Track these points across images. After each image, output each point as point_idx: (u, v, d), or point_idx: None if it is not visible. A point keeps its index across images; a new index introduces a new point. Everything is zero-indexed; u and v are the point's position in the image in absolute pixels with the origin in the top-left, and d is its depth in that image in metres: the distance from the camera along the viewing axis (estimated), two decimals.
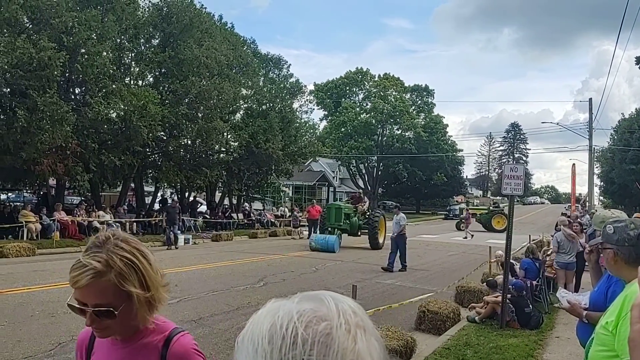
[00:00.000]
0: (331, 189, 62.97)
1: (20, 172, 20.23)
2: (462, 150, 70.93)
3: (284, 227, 31.64)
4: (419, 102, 67.57)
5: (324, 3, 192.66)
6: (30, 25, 19.36)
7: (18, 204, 24.70)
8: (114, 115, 21.99)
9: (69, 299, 1.61)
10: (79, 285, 1.55)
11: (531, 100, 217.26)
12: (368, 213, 23.63)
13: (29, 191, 29.15)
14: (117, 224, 22.91)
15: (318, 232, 23.35)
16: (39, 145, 17.89)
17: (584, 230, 11.42)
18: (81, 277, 1.54)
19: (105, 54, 21.07)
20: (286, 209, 38.27)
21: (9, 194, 31.09)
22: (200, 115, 25.36)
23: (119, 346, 1.72)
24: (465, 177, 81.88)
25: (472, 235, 30.54)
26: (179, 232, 22.20)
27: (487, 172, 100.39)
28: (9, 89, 18.97)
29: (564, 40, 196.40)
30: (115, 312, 1.58)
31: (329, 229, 22.16)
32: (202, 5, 27.93)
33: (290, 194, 51.71)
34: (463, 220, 33.84)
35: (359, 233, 23.43)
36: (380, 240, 22.66)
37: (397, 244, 16.10)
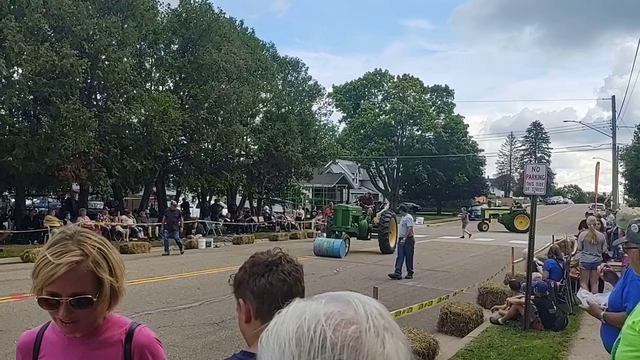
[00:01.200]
0: (351, 190, 62.92)
1: (45, 177, 20.58)
2: (483, 151, 70.35)
3: (304, 230, 31.67)
4: (439, 102, 67.16)
5: (342, 6, 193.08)
6: (53, 34, 19.70)
7: (43, 209, 25.11)
8: (135, 120, 22.26)
9: (37, 296, 1.60)
10: (58, 274, 1.54)
11: (553, 99, 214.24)
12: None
13: (53, 196, 29.64)
14: (140, 227, 23.19)
15: (325, 235, 22.60)
16: (63, 151, 18.19)
17: (608, 230, 11.26)
18: (59, 268, 1.54)
19: (125, 60, 21.35)
20: (302, 211, 38.27)
21: (34, 200, 31.66)
22: (220, 119, 25.55)
23: (77, 343, 1.70)
24: (486, 177, 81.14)
25: (470, 235, 30.45)
26: (179, 236, 19.99)
27: (509, 172, 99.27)
28: (32, 97, 19.31)
29: (586, 38, 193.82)
30: (94, 299, 1.59)
31: (336, 232, 20.97)
32: (221, 10, 28.19)
33: (310, 197, 51.75)
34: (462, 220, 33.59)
35: (369, 236, 21.96)
36: (392, 244, 20.91)
37: (405, 249, 14.78)
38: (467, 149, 62.88)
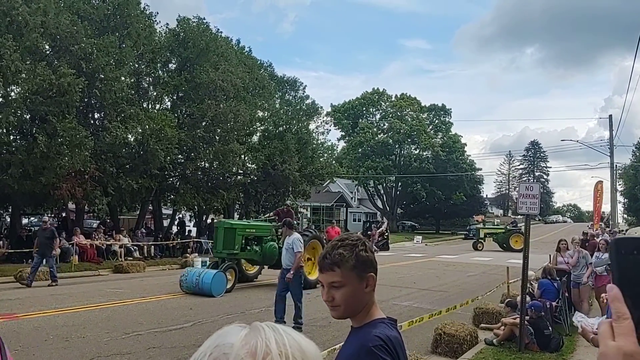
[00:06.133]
0: (349, 209, 62.82)
1: (40, 196, 20.51)
2: (481, 169, 70.51)
3: None
4: (436, 121, 67.43)
5: (342, 26, 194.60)
6: (51, 52, 19.79)
7: (38, 228, 24.99)
8: (131, 139, 22.26)
9: None
10: None
11: (554, 118, 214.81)
12: (386, 233, 22.85)
13: (49, 215, 29.55)
14: (135, 247, 23.05)
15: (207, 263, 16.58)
16: (58, 170, 18.15)
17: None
18: None
19: (123, 78, 21.44)
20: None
21: (31, 218, 31.55)
22: (217, 137, 25.58)
23: None
24: (485, 196, 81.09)
25: (377, 251, 29.96)
26: (54, 263, 15.43)
27: (507, 191, 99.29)
28: (29, 115, 19.34)
29: (587, 58, 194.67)
30: None
31: (218, 259, 15.39)
32: (218, 30, 28.40)
33: (309, 215, 51.64)
34: (370, 236, 33.16)
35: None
36: (312, 277, 14.44)
37: (289, 287, 10.04)
38: (465, 167, 62.98)
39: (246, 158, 30.46)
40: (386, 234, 36.36)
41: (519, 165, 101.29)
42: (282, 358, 0.73)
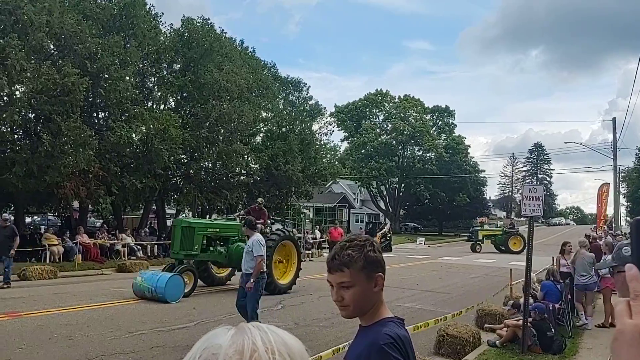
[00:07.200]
0: (352, 210, 62.79)
1: (44, 195, 20.59)
2: (484, 171, 70.34)
3: (304, 250, 31.49)
4: (440, 122, 67.38)
5: (345, 27, 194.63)
6: (55, 52, 19.85)
7: (43, 227, 25.08)
8: (136, 138, 22.33)
9: None
10: None
11: (557, 120, 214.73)
12: (389, 235, 22.71)
13: (53, 214, 29.62)
14: (138, 246, 23.10)
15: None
16: (63, 169, 18.19)
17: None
18: None
19: (127, 78, 21.49)
20: (318, 232, 36.07)
21: (35, 217, 31.64)
22: (220, 138, 25.63)
23: None
24: (488, 198, 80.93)
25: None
26: (10, 263, 14.54)
27: (510, 193, 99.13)
28: (34, 114, 19.40)
29: (591, 61, 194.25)
30: None
31: (175, 261, 14.10)
32: (222, 30, 28.48)
33: (311, 216, 51.66)
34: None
35: None
36: (286, 280, 14.86)
37: (247, 296, 8.87)
38: (468, 169, 62.89)
39: (249, 158, 30.49)
40: (388, 235, 36.28)
41: (522, 167, 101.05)
42: (268, 354, 0.75)
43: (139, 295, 12.72)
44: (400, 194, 64.46)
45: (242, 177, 30.37)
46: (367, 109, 65.12)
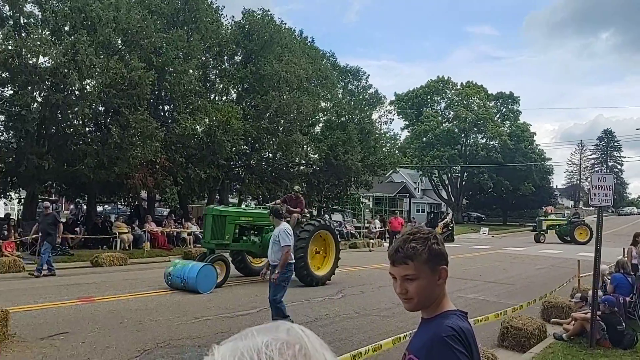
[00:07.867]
0: (413, 200, 62.16)
1: (114, 185, 21.45)
2: (551, 159, 68.05)
3: (364, 239, 31.50)
4: (504, 109, 65.53)
5: (406, 14, 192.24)
6: (122, 47, 20.58)
7: (113, 215, 26.20)
8: (199, 130, 22.88)
9: None
10: None
11: (628, 106, 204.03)
12: (451, 225, 22.38)
13: (123, 203, 30.88)
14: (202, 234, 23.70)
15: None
16: (131, 160, 18.90)
17: None
18: None
19: (191, 71, 22.02)
20: (379, 222, 36.11)
21: (106, 206, 33.08)
22: (280, 128, 25.91)
23: None
24: (555, 186, 78.20)
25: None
26: (50, 252, 14.02)
27: (578, 182, 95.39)
28: (103, 107, 20.21)
29: None
30: None
31: (207, 250, 13.92)
32: (282, 21, 28.70)
33: (371, 206, 51.53)
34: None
35: None
36: (324, 272, 14.24)
37: (272, 286, 8.63)
38: (534, 157, 60.90)
39: (309, 148, 30.69)
40: (451, 225, 35.72)
41: (591, 155, 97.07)
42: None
43: (169, 284, 12.45)
44: (463, 183, 63.23)
45: (301, 167, 30.61)
46: (428, 97, 64.13)
